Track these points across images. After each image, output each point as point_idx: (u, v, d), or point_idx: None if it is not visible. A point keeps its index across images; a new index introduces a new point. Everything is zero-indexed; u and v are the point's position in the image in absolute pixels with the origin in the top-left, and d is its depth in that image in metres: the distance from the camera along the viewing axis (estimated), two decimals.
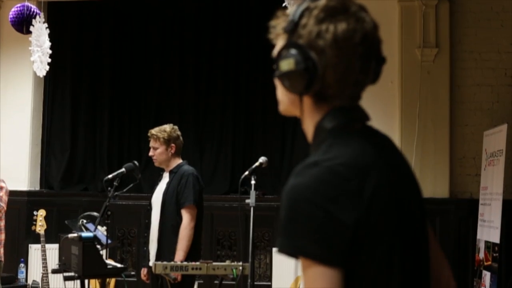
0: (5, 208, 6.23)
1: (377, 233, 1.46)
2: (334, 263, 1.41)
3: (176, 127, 5.58)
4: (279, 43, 1.64)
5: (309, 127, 1.63)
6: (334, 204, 1.41)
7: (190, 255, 5.14)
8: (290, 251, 1.44)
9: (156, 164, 5.58)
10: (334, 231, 1.41)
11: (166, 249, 5.26)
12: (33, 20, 5.89)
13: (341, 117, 1.56)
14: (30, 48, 5.96)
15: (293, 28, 1.56)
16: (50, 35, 6.10)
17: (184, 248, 5.18)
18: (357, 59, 1.53)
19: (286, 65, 1.54)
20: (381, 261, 1.46)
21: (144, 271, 5.55)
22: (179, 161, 5.53)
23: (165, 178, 5.51)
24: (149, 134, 5.54)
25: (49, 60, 5.97)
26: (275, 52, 1.63)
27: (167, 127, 5.53)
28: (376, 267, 1.46)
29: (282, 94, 1.65)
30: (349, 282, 1.43)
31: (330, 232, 1.41)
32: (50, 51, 5.98)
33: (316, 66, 1.51)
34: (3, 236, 6.15)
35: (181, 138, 5.57)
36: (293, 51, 1.53)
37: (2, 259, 6.19)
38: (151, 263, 5.27)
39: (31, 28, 5.85)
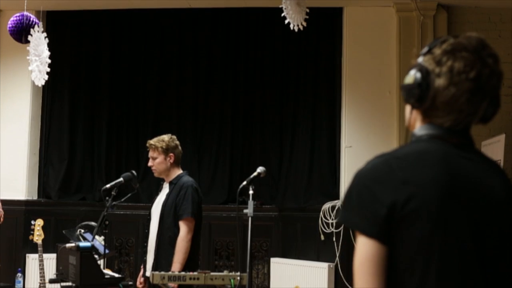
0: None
1: (414, 222, 1.67)
2: (372, 235, 1.67)
3: (174, 136, 5.58)
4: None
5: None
6: (377, 186, 1.69)
7: (188, 267, 5.11)
8: (343, 221, 1.74)
9: (156, 174, 5.57)
10: (373, 207, 1.68)
11: (163, 260, 5.25)
12: (31, 30, 5.89)
13: (433, 129, 1.80)
14: (28, 57, 5.97)
15: (425, 52, 1.83)
16: (48, 45, 6.10)
17: (181, 260, 5.17)
18: (465, 92, 1.75)
19: (408, 79, 1.81)
20: (418, 247, 1.67)
21: (140, 279, 5.54)
22: (178, 171, 5.52)
23: (165, 189, 5.50)
24: (147, 145, 5.54)
25: (48, 69, 5.97)
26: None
27: (166, 136, 5.53)
28: (412, 251, 1.68)
29: (406, 107, 1.90)
30: (391, 259, 1.68)
31: (371, 208, 1.68)
32: (49, 61, 5.98)
33: (428, 85, 1.76)
34: None
35: (179, 147, 5.56)
36: (415, 70, 1.80)
37: None
38: (148, 273, 5.26)
39: (29, 38, 5.85)
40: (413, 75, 1.79)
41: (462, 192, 1.72)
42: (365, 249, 1.67)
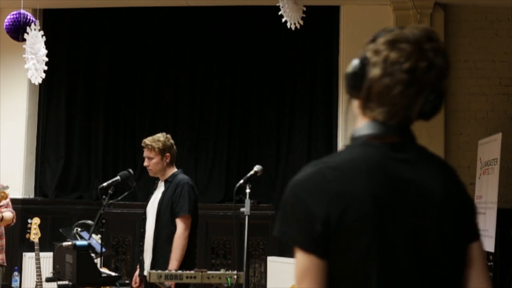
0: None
1: (352, 234, 1.60)
2: (309, 250, 1.62)
3: (169, 135, 5.56)
4: None
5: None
6: (312, 199, 1.62)
7: (185, 264, 5.12)
8: (279, 234, 1.67)
9: (151, 174, 5.56)
10: (308, 221, 1.61)
11: (160, 258, 5.25)
12: (28, 28, 5.88)
13: (370, 129, 1.73)
14: (23, 55, 5.95)
15: (370, 41, 1.78)
16: (45, 43, 6.09)
17: (178, 257, 5.17)
18: (398, 83, 1.68)
19: (348, 67, 1.78)
20: (356, 262, 1.61)
21: (135, 278, 5.53)
22: (174, 170, 5.51)
23: (161, 187, 5.50)
24: (143, 144, 5.52)
25: (46, 67, 5.96)
26: None
27: (161, 136, 5.50)
28: (351, 267, 1.62)
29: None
30: (331, 272, 1.62)
31: (305, 222, 1.62)
32: (46, 59, 5.96)
33: (364, 74, 1.72)
34: (3, 242, 6.10)
35: (175, 146, 5.55)
36: (356, 59, 1.77)
37: (5, 263, 6.15)
38: (145, 272, 5.26)
39: (25, 36, 5.84)
40: (352, 65, 1.76)
41: (398, 200, 1.66)
42: (303, 263, 1.62)
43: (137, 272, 5.56)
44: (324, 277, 1.62)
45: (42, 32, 5.90)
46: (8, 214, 5.75)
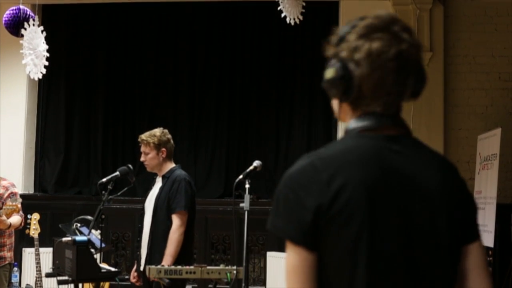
0: None
1: (342, 222, 1.60)
2: (298, 242, 1.62)
3: (166, 130, 5.56)
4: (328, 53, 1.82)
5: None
6: (303, 190, 1.62)
7: (182, 260, 5.10)
8: (271, 228, 1.68)
9: (148, 169, 5.56)
10: (298, 213, 1.62)
11: (156, 254, 5.24)
12: (25, 23, 5.86)
13: (364, 121, 1.71)
14: (21, 51, 5.92)
15: (338, 42, 1.76)
16: (44, 38, 6.07)
17: (172, 253, 5.17)
18: (389, 72, 1.67)
19: (328, 73, 1.74)
20: (345, 251, 1.60)
21: (133, 274, 5.54)
22: (171, 165, 5.51)
23: (158, 183, 5.50)
24: (139, 140, 5.52)
25: (46, 63, 5.93)
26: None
27: (157, 131, 5.50)
28: (340, 255, 1.61)
29: (333, 103, 1.86)
30: (320, 265, 1.62)
31: (296, 214, 1.62)
32: (47, 54, 5.94)
33: (351, 76, 1.69)
34: (12, 240, 6.08)
35: (171, 141, 5.54)
36: (334, 62, 1.73)
37: (13, 261, 6.14)
38: (142, 267, 5.27)
39: (23, 31, 5.82)
40: (333, 68, 1.72)
41: (391, 191, 1.64)
42: (293, 257, 1.62)
43: (134, 267, 5.56)
44: (314, 269, 1.62)
45: (42, 28, 5.88)
46: (16, 219, 5.72)
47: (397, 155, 1.68)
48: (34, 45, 5.81)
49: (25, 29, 5.79)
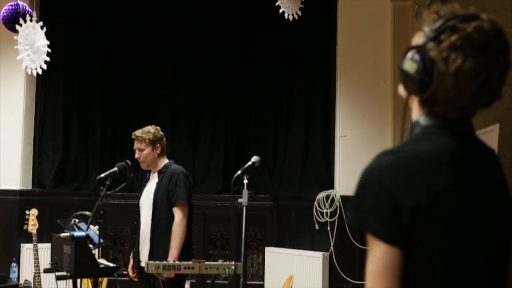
0: None
1: (437, 224, 1.59)
2: (392, 242, 1.56)
3: (159, 127, 5.62)
4: (417, 38, 1.74)
5: (412, 120, 1.77)
6: (398, 190, 1.57)
7: (183, 254, 5.13)
8: (356, 224, 1.63)
9: (144, 166, 5.59)
10: (394, 212, 1.57)
11: (159, 248, 5.26)
12: (20, 19, 5.83)
13: (440, 119, 1.69)
14: (15, 47, 5.89)
15: (432, 38, 1.66)
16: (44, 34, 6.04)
17: (178, 246, 5.19)
18: (471, 94, 1.64)
19: (408, 66, 1.66)
20: (439, 252, 1.60)
21: (131, 270, 5.55)
22: (165, 160, 5.55)
23: (154, 179, 5.51)
24: (133, 137, 5.56)
25: (47, 58, 5.91)
26: (412, 42, 1.75)
27: (151, 128, 5.56)
28: (434, 257, 1.60)
29: (401, 88, 1.78)
30: (408, 265, 1.58)
31: (391, 213, 1.57)
32: (48, 50, 5.91)
33: (431, 83, 1.63)
34: None
35: (164, 138, 5.60)
36: (419, 59, 1.65)
37: None
38: (143, 264, 5.27)
39: (17, 27, 5.79)
40: (415, 65, 1.65)
41: (473, 195, 1.65)
42: (383, 256, 1.57)
43: (131, 264, 5.57)
44: (401, 271, 1.58)
45: (41, 23, 5.86)
46: None
47: (476, 158, 1.70)
48: (31, 41, 5.78)
49: (20, 25, 5.77)
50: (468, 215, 1.63)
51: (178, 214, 5.28)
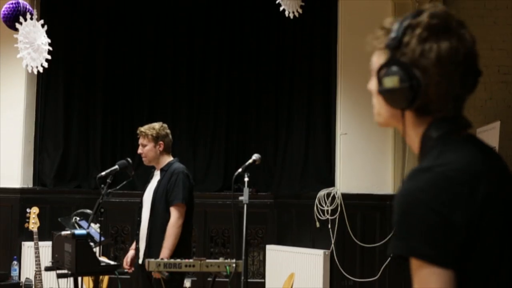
0: None
1: (489, 236, 1.51)
2: (447, 264, 1.47)
3: (165, 125, 5.59)
4: (379, 57, 1.68)
5: (413, 139, 1.69)
6: (446, 207, 1.48)
7: (180, 253, 5.11)
8: (404, 252, 1.50)
9: (146, 162, 5.58)
10: (447, 233, 1.47)
11: (155, 247, 5.26)
12: (20, 17, 5.83)
13: (446, 126, 1.63)
14: (15, 45, 5.88)
15: (396, 45, 1.62)
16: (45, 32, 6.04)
17: (170, 246, 5.18)
18: (459, 76, 1.61)
19: (390, 82, 1.60)
20: (491, 263, 1.53)
21: (127, 259, 5.56)
22: (169, 158, 5.53)
23: (156, 176, 5.51)
24: (138, 132, 5.56)
25: (48, 56, 5.91)
26: (374, 65, 1.70)
27: (156, 124, 5.54)
28: (487, 268, 1.52)
29: (382, 107, 1.72)
30: (461, 282, 1.49)
31: (443, 234, 1.47)
32: (49, 48, 5.90)
33: (420, 85, 1.58)
34: None
35: (170, 136, 5.57)
36: (397, 69, 1.60)
37: None
38: (140, 261, 5.28)
39: (17, 25, 5.79)
40: (395, 76, 1.59)
41: (509, 196, 1.61)
42: (437, 280, 1.46)
43: (129, 254, 5.59)
44: None
45: (42, 21, 5.85)
46: None
47: (496, 161, 1.66)
48: (31, 39, 5.78)
49: (20, 23, 5.77)
50: (509, 219, 1.57)
51: (174, 214, 5.28)
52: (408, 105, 1.61)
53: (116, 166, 5.35)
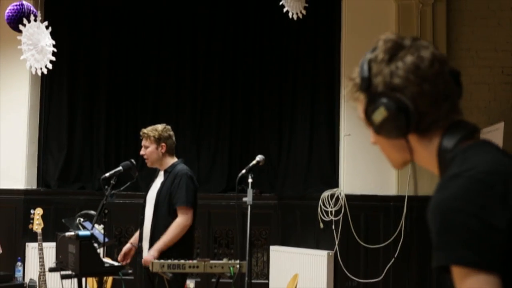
0: None
1: None
2: (493, 268, 1.43)
3: (168, 127, 5.59)
4: (361, 105, 1.71)
5: (429, 159, 1.69)
6: (484, 211, 1.44)
7: (183, 254, 5.11)
8: (448, 262, 1.46)
9: (149, 164, 5.58)
10: (489, 236, 1.44)
11: None
12: (24, 19, 5.84)
13: (457, 134, 1.62)
14: (19, 47, 5.89)
15: (368, 84, 1.64)
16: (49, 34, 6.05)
17: (166, 241, 5.18)
18: (436, 78, 1.60)
19: (379, 115, 1.62)
20: None
21: (122, 253, 5.58)
22: (173, 160, 5.53)
23: (160, 177, 5.51)
24: (141, 133, 5.57)
25: (53, 58, 5.91)
26: (361, 114, 1.72)
27: (159, 126, 5.54)
28: None
29: (390, 151, 1.74)
30: (505, 285, 1.45)
31: (487, 238, 1.44)
32: (53, 49, 5.91)
33: (405, 103, 1.58)
34: None
35: (173, 138, 5.57)
36: (378, 100, 1.61)
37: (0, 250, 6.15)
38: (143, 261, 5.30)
39: (21, 27, 5.80)
40: (380, 108, 1.61)
41: None
42: (485, 286, 1.42)
43: (124, 247, 5.60)
44: None
45: (46, 23, 5.86)
46: None
47: (506, 155, 1.64)
48: (35, 41, 5.79)
49: (24, 25, 5.78)
50: None
51: (182, 217, 5.28)
52: (407, 127, 1.61)
53: (120, 167, 5.36)
